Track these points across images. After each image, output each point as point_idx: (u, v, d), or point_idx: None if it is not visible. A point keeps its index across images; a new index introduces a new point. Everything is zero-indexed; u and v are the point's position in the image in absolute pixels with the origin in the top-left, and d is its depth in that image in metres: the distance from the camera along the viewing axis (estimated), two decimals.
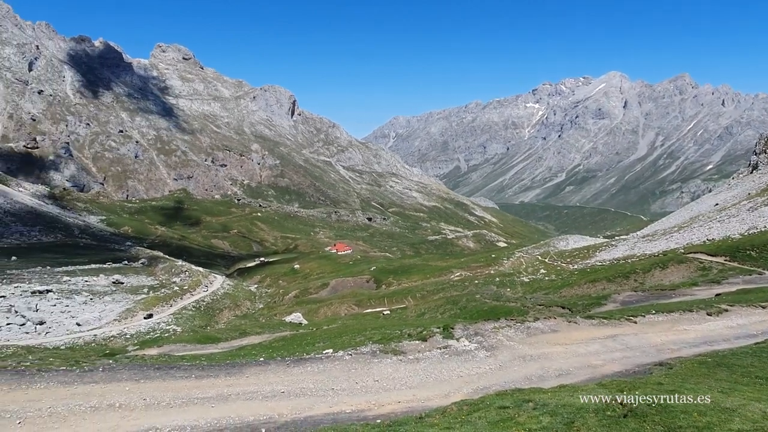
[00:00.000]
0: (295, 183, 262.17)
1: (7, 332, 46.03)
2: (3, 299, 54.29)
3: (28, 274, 68.08)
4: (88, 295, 61.44)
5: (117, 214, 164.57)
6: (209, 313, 66.98)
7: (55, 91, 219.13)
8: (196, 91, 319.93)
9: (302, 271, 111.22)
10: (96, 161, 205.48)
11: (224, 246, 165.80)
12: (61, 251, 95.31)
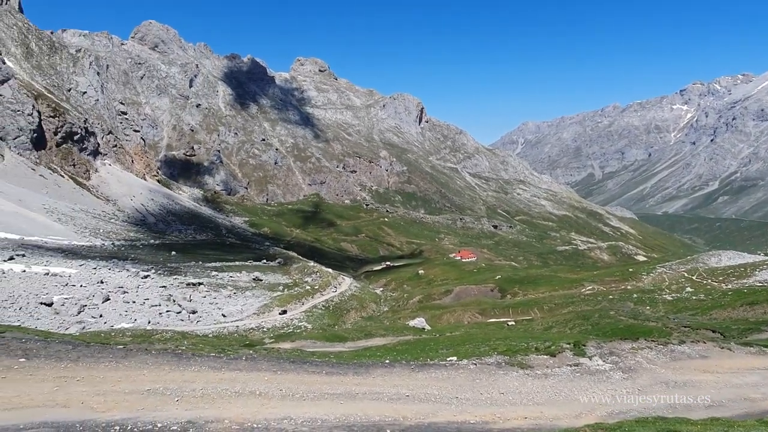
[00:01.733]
0: (422, 189, 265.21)
1: (167, 318, 51.97)
2: (164, 289, 61.42)
3: (184, 267, 76.34)
4: (232, 290, 67.27)
5: (258, 216, 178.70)
6: (337, 313, 70.04)
7: (210, 104, 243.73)
8: (330, 100, 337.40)
9: (426, 277, 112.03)
10: (241, 167, 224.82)
11: (353, 249, 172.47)
12: (211, 248, 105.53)
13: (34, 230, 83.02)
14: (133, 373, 15.42)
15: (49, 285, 54.47)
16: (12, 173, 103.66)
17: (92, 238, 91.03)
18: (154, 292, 59.58)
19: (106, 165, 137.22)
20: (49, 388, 13.44)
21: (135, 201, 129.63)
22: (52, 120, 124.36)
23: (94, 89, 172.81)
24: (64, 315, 47.04)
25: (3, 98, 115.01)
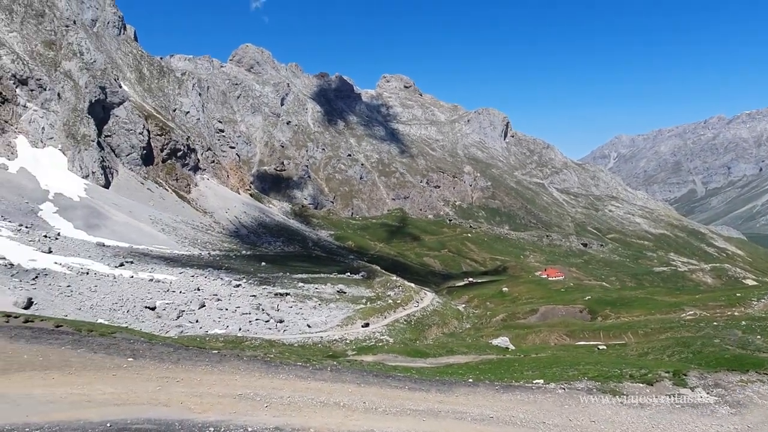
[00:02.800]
0: (506, 205, 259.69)
1: (256, 326, 54.29)
2: (254, 298, 64.31)
3: (273, 278, 79.54)
4: (317, 301, 69.09)
5: (343, 229, 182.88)
6: (419, 328, 69.83)
7: (300, 121, 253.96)
8: (414, 116, 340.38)
9: (510, 295, 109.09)
10: (328, 182, 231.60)
11: (435, 264, 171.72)
12: (298, 260, 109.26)
13: (141, 239, 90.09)
14: (226, 378, 16.25)
15: (153, 290, 58.66)
16: (124, 187, 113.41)
17: (191, 247, 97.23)
18: (245, 300, 62.54)
19: (204, 179, 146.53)
20: (153, 387, 14.47)
21: (229, 213, 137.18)
22: (159, 138, 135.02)
23: (196, 109, 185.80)
24: (165, 319, 50.42)
25: (119, 119, 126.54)
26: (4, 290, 46.68)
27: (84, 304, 49.47)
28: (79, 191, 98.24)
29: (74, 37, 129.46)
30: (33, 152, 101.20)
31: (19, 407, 10.88)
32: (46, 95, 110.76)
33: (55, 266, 58.10)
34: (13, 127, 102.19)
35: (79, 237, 79.92)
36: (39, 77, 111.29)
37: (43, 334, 17.07)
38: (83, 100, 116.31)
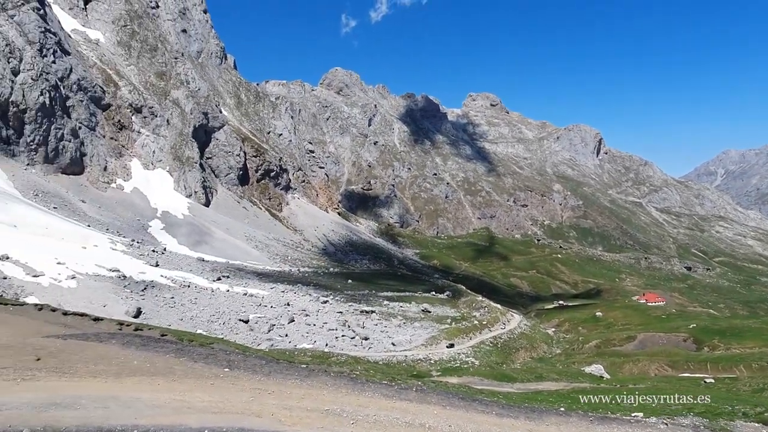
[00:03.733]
0: (599, 225, 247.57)
1: (342, 342, 55.28)
2: (340, 315, 65.61)
3: (359, 295, 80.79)
4: (402, 320, 69.20)
5: (428, 248, 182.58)
6: (505, 351, 67.83)
7: (386, 141, 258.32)
8: (501, 134, 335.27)
9: (605, 320, 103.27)
10: (414, 201, 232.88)
11: (522, 285, 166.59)
12: (383, 278, 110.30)
13: (237, 255, 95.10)
14: (314, 392, 16.66)
15: (247, 304, 61.50)
16: (223, 205, 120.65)
17: (282, 264, 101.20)
18: (332, 317, 63.95)
19: (295, 198, 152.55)
20: (246, 398, 15.14)
21: (318, 231, 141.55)
22: (254, 159, 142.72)
23: (288, 131, 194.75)
24: (257, 332, 52.59)
25: (219, 142, 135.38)
26: (117, 300, 50.92)
27: (185, 315, 52.82)
28: (183, 209, 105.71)
29: (182, 68, 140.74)
30: (145, 174, 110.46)
31: (129, 409, 11.78)
32: (157, 121, 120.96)
33: (161, 279, 62.58)
34: (128, 151, 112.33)
35: (182, 252, 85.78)
36: (151, 105, 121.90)
37: (150, 342, 18.44)
38: (188, 125, 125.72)
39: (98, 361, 14.82)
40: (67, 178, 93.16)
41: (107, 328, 22.02)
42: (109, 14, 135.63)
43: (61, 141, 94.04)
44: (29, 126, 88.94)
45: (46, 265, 53.83)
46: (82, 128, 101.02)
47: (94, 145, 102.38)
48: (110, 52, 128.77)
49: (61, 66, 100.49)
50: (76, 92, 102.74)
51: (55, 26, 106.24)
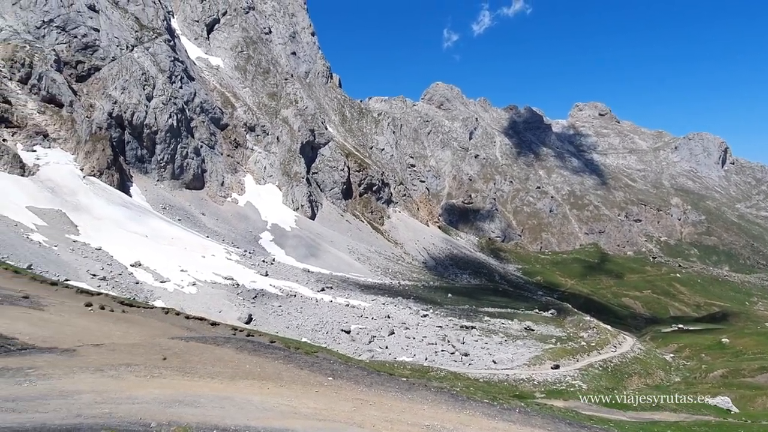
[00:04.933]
0: (725, 242, 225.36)
1: (441, 357, 54.86)
2: (440, 329, 65.21)
3: (458, 310, 79.88)
4: (504, 337, 67.32)
5: (531, 264, 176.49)
6: (616, 376, 63.53)
7: (488, 154, 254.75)
8: (611, 145, 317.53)
9: (732, 347, 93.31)
10: (516, 215, 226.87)
11: (635, 306, 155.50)
12: (484, 294, 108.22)
13: (340, 267, 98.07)
14: (415, 406, 16.68)
15: (349, 315, 63.05)
16: (327, 219, 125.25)
17: (383, 276, 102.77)
18: (431, 330, 63.73)
19: (396, 212, 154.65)
20: (349, 407, 15.50)
21: (419, 245, 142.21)
22: (357, 174, 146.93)
23: (390, 146, 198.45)
24: (358, 342, 53.68)
25: (324, 157, 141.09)
26: (231, 306, 54.46)
27: (291, 323, 55.26)
28: (291, 222, 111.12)
29: (291, 88, 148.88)
30: (257, 188, 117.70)
31: (242, 410, 12.52)
32: (268, 139, 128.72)
33: (270, 288, 66.05)
34: (243, 167, 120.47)
35: (289, 263, 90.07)
36: (263, 124, 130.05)
37: (260, 348, 19.51)
38: (296, 142, 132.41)
39: (215, 363, 15.94)
40: (190, 192, 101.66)
41: (223, 333, 23.63)
42: (228, 42, 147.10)
43: (185, 159, 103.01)
44: (159, 146, 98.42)
45: (171, 272, 58.86)
46: (203, 147, 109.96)
47: (213, 162, 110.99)
48: (228, 76, 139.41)
49: (186, 91, 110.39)
50: (198, 114, 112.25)
51: (182, 55, 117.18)
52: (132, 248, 62.91)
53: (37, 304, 19.87)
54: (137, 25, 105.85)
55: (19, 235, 55.04)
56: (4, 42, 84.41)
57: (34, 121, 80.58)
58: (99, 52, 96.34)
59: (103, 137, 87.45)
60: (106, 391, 11.16)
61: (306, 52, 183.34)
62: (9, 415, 8.07)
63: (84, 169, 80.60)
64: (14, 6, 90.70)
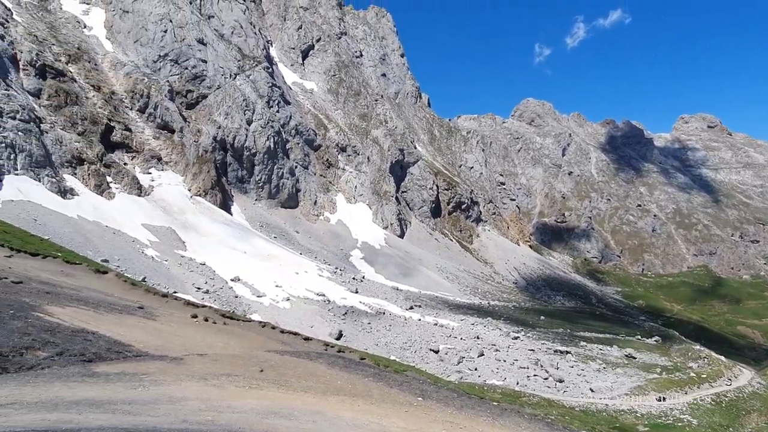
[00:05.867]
0: None
1: (534, 382, 52.72)
2: (532, 352, 62.80)
3: (552, 334, 76.58)
4: (602, 364, 63.55)
5: (632, 287, 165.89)
6: (732, 412, 57.70)
7: (582, 171, 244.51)
8: (722, 159, 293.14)
9: None
10: (614, 234, 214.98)
11: (754, 336, 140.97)
12: (579, 317, 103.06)
13: (428, 285, 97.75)
14: None
15: (437, 334, 62.48)
16: (416, 237, 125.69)
17: (471, 296, 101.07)
18: (523, 354, 61.52)
19: (486, 231, 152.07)
20: (439, 429, 15.27)
21: (509, 264, 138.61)
22: (446, 192, 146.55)
23: (479, 164, 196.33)
24: (446, 363, 52.98)
25: (413, 176, 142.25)
26: (323, 322, 55.91)
27: (380, 341, 55.68)
28: (381, 240, 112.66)
29: (381, 109, 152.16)
30: (348, 207, 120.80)
31: (333, 426, 12.75)
32: (359, 159, 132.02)
33: (359, 305, 67.12)
34: (334, 186, 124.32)
35: (378, 280, 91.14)
36: (354, 144, 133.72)
37: (351, 365, 19.82)
38: (386, 162, 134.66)
39: (308, 378, 16.40)
40: (285, 211, 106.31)
41: (315, 348, 24.30)
42: (321, 66, 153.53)
43: (281, 179, 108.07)
44: (258, 167, 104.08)
45: (267, 287, 61.60)
46: (298, 167, 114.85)
47: (306, 182, 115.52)
48: (321, 99, 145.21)
49: (283, 114, 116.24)
50: (294, 136, 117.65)
51: (279, 81, 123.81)
52: (232, 264, 66.70)
53: (151, 315, 21.58)
54: (240, 55, 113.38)
55: (135, 249, 60.27)
56: (126, 76, 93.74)
57: (150, 146, 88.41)
58: (206, 81, 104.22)
59: (208, 160, 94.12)
60: (209, 399, 11.79)
61: (395, 73, 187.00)
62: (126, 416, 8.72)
63: (191, 190, 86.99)
64: (135, 44, 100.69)
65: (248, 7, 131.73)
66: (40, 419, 7.56)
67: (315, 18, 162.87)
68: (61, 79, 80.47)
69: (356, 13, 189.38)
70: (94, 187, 72.04)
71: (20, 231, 34.03)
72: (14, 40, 76.93)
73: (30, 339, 13.75)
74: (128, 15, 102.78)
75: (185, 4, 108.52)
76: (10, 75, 72.22)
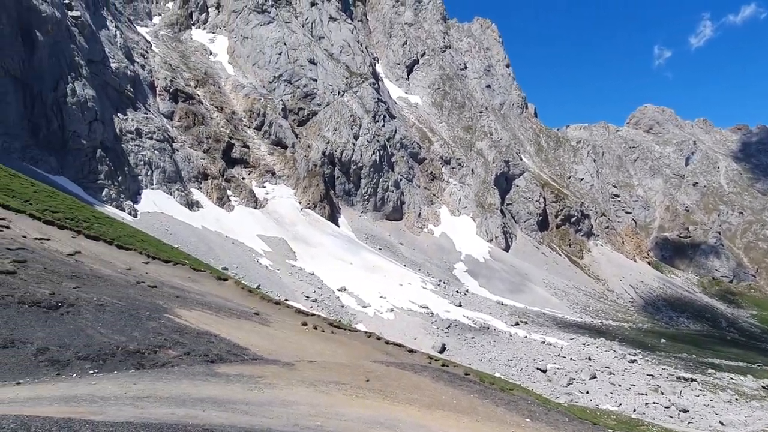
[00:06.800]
0: None
1: (653, 410, 48.63)
2: (651, 378, 58.08)
3: (674, 358, 70.40)
4: (734, 395, 57.23)
5: None
6: None
7: (709, 182, 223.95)
8: None
9: None
10: (748, 251, 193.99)
11: None
12: (706, 342, 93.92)
13: (535, 301, 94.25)
14: None
15: (544, 353, 59.98)
16: (521, 251, 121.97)
17: (582, 314, 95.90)
18: (640, 379, 57.11)
19: (597, 245, 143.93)
20: None
21: (624, 282, 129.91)
22: (553, 205, 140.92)
23: (590, 175, 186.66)
24: (555, 384, 50.61)
25: (518, 188, 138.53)
26: (426, 335, 55.89)
27: (484, 357, 54.49)
28: (484, 253, 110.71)
29: (486, 121, 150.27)
30: (451, 220, 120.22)
31: None
32: (463, 171, 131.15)
33: (463, 319, 66.29)
34: (438, 199, 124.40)
35: (482, 294, 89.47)
36: (458, 157, 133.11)
37: (456, 380, 19.57)
38: (490, 174, 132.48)
39: (413, 390, 16.43)
40: (390, 223, 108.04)
41: (419, 360, 24.31)
42: (426, 80, 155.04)
43: (386, 192, 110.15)
44: (364, 180, 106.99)
45: (372, 297, 62.82)
46: (402, 180, 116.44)
47: (411, 194, 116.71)
48: (426, 112, 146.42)
49: (388, 128, 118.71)
50: (398, 150, 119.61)
51: (385, 96, 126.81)
52: (339, 274, 68.90)
53: (265, 321, 22.84)
54: (347, 73, 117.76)
55: (251, 258, 64.32)
56: (245, 96, 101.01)
57: (265, 162, 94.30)
58: (316, 99, 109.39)
59: (317, 174, 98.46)
60: (318, 405, 12.20)
61: (501, 84, 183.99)
62: (243, 416, 9.26)
63: (302, 202, 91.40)
64: (253, 66, 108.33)
65: (356, 26, 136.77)
66: (171, 413, 8.26)
67: (420, 33, 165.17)
68: (190, 102, 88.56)
69: (460, 25, 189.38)
70: (216, 200, 78.13)
71: (155, 240, 37.69)
72: (152, 68, 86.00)
73: (162, 338, 15.12)
74: (248, 41, 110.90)
75: (298, 27, 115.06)
76: (148, 100, 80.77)
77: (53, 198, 31.96)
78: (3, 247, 17.38)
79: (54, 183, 52.30)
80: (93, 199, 59.09)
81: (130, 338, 14.32)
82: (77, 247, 22.57)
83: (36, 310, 13.40)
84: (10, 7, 57.62)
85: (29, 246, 19.26)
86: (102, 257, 23.57)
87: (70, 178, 60.39)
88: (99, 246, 25.72)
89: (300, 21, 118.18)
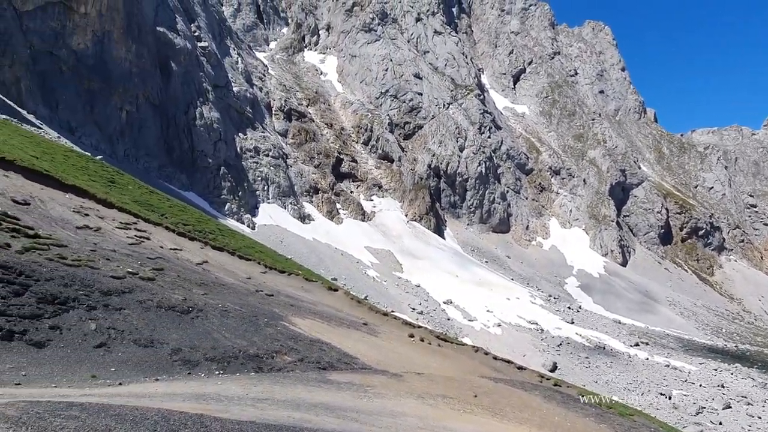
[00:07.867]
0: None
1: None
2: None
3: None
4: None
5: None
6: None
7: None
8: None
9: None
10: None
11: None
12: None
13: (658, 320, 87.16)
14: None
15: (669, 377, 55.26)
16: (641, 266, 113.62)
17: (713, 336, 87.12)
18: None
19: (730, 261, 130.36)
20: None
21: (763, 302, 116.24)
22: (678, 216, 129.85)
23: (721, 183, 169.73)
24: (681, 411, 46.45)
25: (637, 199, 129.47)
26: (535, 351, 53.80)
27: (600, 378, 51.29)
28: (599, 268, 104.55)
29: (598, 128, 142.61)
30: (561, 232, 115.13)
31: None
32: (574, 182, 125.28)
33: (575, 336, 62.98)
34: (547, 211, 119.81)
35: (596, 311, 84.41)
36: (569, 167, 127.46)
37: (569, 401, 18.62)
38: (605, 184, 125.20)
39: (523, 409, 15.87)
40: (496, 236, 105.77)
41: (529, 378, 23.44)
42: (533, 89, 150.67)
43: (492, 204, 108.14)
44: (469, 192, 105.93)
45: (478, 311, 61.75)
46: (509, 192, 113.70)
47: (518, 206, 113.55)
48: (533, 122, 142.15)
49: (494, 140, 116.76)
50: (505, 161, 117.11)
51: (490, 107, 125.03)
52: (445, 287, 68.54)
53: (373, 331, 23.31)
54: (452, 85, 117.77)
55: (359, 270, 66.05)
56: (353, 113, 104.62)
57: (372, 175, 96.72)
58: (421, 112, 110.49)
59: (423, 186, 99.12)
60: (426, 417, 12.19)
61: (615, 89, 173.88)
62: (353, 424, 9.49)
63: (407, 215, 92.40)
64: (361, 83, 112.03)
65: (460, 39, 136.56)
66: (287, 416, 8.70)
67: (526, 41, 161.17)
68: (303, 120, 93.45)
69: (570, 30, 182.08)
70: (326, 213, 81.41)
71: (271, 251, 40.02)
72: (269, 90, 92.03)
73: (279, 344, 15.99)
74: (355, 59, 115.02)
75: (403, 43, 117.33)
76: (265, 119, 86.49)
77: (185, 212, 35.18)
78: (144, 256, 19.40)
79: (184, 198, 57.55)
80: (217, 212, 64.20)
81: (251, 343, 15.31)
82: (204, 257, 24.62)
83: (171, 314, 14.79)
84: (150, 43, 64.83)
85: (165, 255, 21.33)
86: (225, 266, 25.47)
87: (198, 193, 66.20)
88: (223, 256, 27.84)
89: (405, 37, 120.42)
